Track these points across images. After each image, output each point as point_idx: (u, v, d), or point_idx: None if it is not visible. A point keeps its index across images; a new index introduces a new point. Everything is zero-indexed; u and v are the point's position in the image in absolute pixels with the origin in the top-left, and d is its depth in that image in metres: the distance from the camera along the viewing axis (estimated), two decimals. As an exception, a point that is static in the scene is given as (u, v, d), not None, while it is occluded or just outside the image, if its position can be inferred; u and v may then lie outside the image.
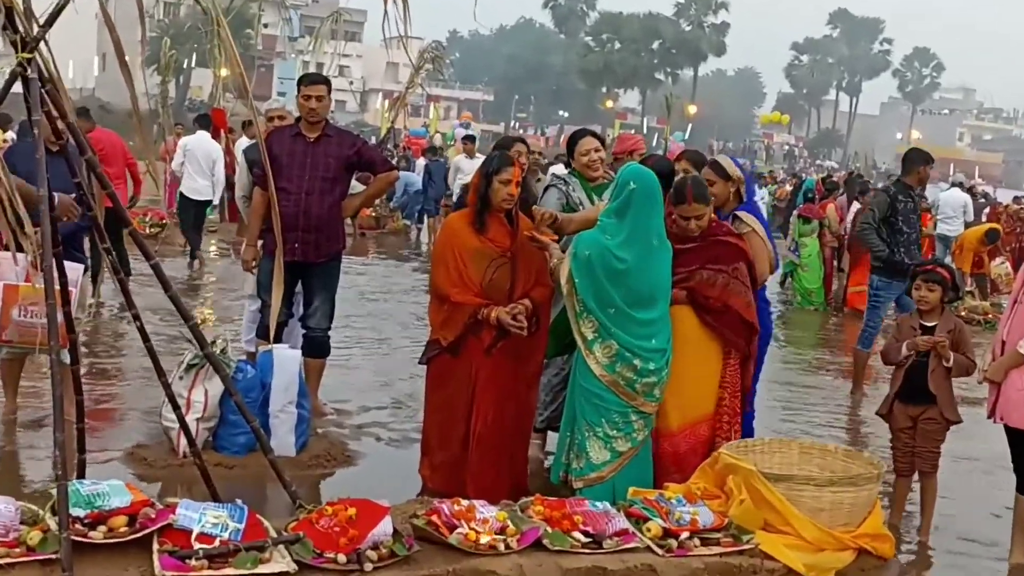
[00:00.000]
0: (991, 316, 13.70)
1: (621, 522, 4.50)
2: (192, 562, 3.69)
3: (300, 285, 6.84)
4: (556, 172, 7.63)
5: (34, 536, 3.68)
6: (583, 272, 5.12)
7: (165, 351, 6.21)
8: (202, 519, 3.90)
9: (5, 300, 5.60)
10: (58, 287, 4.01)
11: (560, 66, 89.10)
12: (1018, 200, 23.31)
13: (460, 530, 4.20)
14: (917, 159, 8.89)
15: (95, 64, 55.25)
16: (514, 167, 5.40)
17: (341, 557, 3.88)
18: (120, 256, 9.22)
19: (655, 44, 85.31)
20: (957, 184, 19.03)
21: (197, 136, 14.50)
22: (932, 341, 5.49)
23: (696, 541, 4.48)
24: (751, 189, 6.40)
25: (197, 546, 3.76)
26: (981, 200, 23.84)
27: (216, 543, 3.79)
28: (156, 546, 3.76)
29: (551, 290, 5.44)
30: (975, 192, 23.17)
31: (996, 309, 13.88)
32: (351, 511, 4.06)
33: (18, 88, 3.98)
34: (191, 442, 4.85)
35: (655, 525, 4.50)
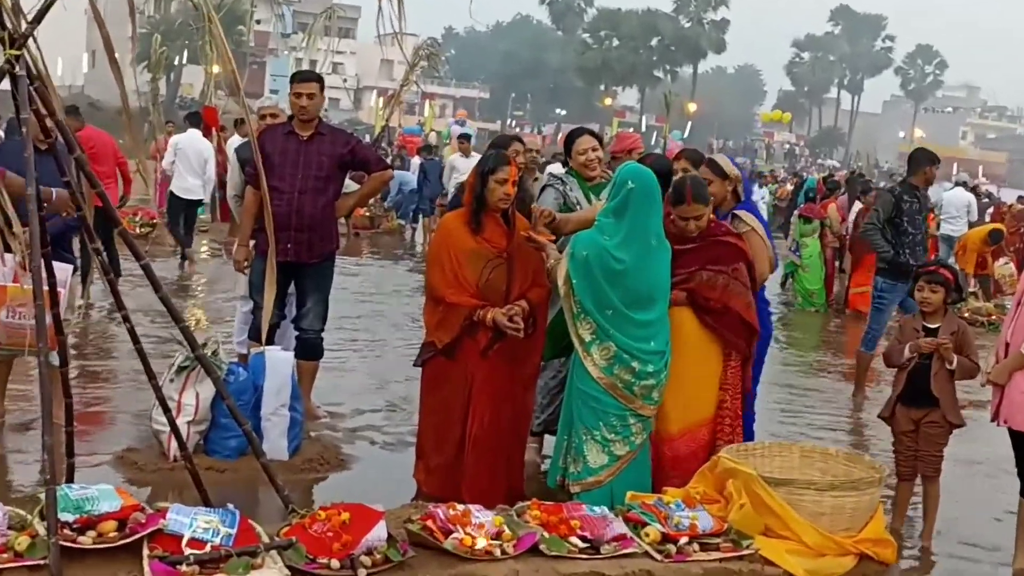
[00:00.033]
0: (995, 318, 13.63)
1: (619, 527, 4.50)
2: (183, 568, 3.67)
3: (293, 286, 6.79)
4: (553, 171, 7.60)
5: (22, 541, 3.67)
6: (581, 273, 5.09)
7: (155, 353, 6.20)
8: (193, 524, 3.88)
9: (-7, 301, 5.56)
10: (47, 288, 3.99)
11: (557, 63, 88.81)
12: (1022, 200, 23.20)
13: (455, 535, 4.19)
14: (923, 159, 8.85)
15: (84, 61, 55.07)
16: (511, 166, 5.37)
17: (334, 563, 3.86)
18: (111, 256, 9.20)
19: (654, 41, 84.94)
20: (961, 184, 19.01)
21: (188, 134, 14.45)
22: (935, 343, 5.47)
23: (695, 546, 4.48)
24: (748, 188, 6.38)
25: (188, 552, 3.74)
26: (985, 200, 23.76)
27: (207, 548, 3.77)
28: (146, 552, 3.74)
29: (548, 291, 5.41)
30: (979, 192, 23.08)
31: (1000, 311, 13.85)
32: (344, 516, 4.04)
33: (6, 85, 3.95)
34: (182, 446, 4.82)
35: (653, 530, 4.49)
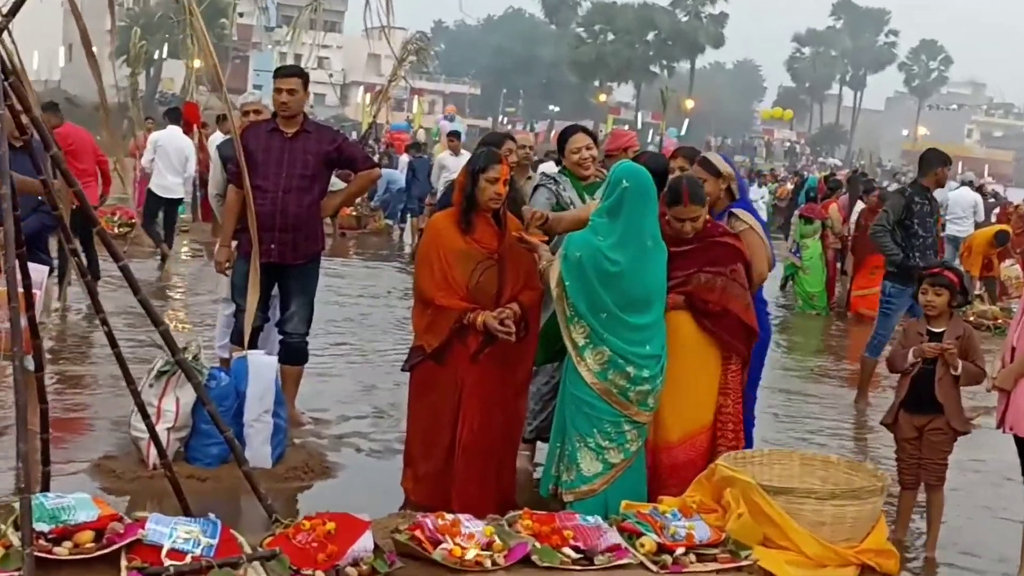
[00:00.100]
0: (1000, 321, 13.45)
1: (613, 537, 4.48)
2: (162, 579, 3.64)
3: (277, 288, 6.74)
4: (546, 171, 7.55)
5: (-5, 552, 3.62)
6: (574, 275, 5.03)
7: (134, 357, 6.14)
8: (173, 534, 3.83)
9: (-34, 304, 5.51)
10: (22, 290, 3.94)
11: (550, 58, 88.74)
12: (1029, 200, 23.26)
13: (444, 545, 4.16)
14: (935, 160, 8.77)
15: (60, 55, 54.83)
16: (502, 165, 5.32)
17: (319, 574, 3.84)
18: (90, 258, 9.12)
19: (650, 35, 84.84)
20: (967, 183, 18.89)
21: (168, 131, 14.29)
22: (939, 348, 5.39)
23: (692, 557, 4.47)
24: (744, 186, 6.36)
25: (168, 563, 3.70)
26: (991, 200, 23.84)
27: (188, 559, 3.73)
28: (124, 563, 3.68)
29: (540, 294, 5.36)
30: (985, 191, 23.09)
31: (1006, 314, 13.74)
32: (330, 526, 4.02)
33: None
34: (161, 453, 4.76)
35: (649, 540, 4.47)
